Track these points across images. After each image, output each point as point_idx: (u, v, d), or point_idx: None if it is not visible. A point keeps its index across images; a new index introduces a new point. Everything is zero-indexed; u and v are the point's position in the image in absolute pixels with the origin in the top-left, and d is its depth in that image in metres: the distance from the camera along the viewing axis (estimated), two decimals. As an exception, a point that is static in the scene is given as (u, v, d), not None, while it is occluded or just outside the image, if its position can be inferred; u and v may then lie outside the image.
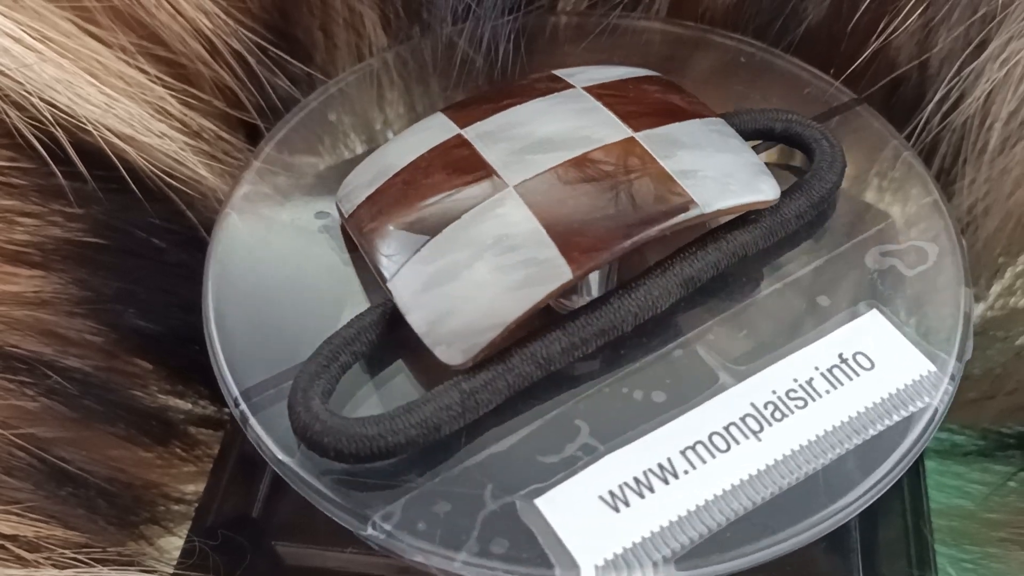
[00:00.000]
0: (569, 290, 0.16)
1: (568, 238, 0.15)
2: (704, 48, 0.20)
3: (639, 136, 0.17)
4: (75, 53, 0.18)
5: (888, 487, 0.15)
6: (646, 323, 0.16)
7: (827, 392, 0.16)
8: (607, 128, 0.17)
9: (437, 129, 0.17)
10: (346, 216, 0.17)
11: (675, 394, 0.16)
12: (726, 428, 0.15)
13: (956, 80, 0.19)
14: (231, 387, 0.16)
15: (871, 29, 0.19)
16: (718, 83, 0.20)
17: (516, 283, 0.15)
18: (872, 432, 0.15)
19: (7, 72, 0.17)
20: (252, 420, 0.15)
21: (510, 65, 0.20)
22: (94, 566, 0.16)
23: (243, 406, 0.15)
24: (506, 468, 0.15)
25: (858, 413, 0.15)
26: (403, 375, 0.16)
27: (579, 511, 0.14)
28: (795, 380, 0.16)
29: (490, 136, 0.17)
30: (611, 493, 0.15)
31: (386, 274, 0.16)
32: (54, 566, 0.16)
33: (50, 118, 0.17)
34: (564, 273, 0.15)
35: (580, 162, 0.16)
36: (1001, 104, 0.18)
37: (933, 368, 0.16)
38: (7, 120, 0.17)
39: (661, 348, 0.16)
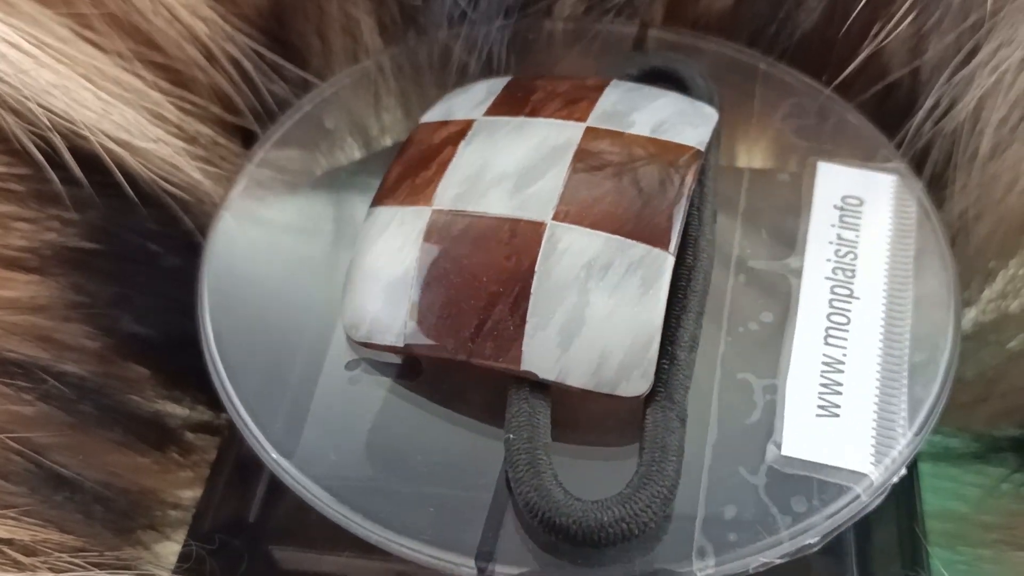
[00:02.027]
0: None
1: (641, 229, 0.15)
2: (696, 56, 0.21)
3: (591, 123, 0.17)
4: (72, 59, 0.18)
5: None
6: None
7: (856, 236, 0.18)
8: (559, 131, 0.17)
9: (401, 220, 0.16)
10: (401, 345, 0.16)
11: (775, 308, 0.17)
12: (831, 305, 0.17)
13: (947, 87, 0.19)
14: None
15: (863, 35, 0.19)
16: None
17: (638, 291, 0.15)
18: (910, 241, 0.18)
19: (4, 78, 0.17)
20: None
21: (504, 69, 0.20)
22: (91, 570, 0.16)
23: (491, 567, 0.14)
24: (736, 447, 0.15)
25: (890, 234, 0.18)
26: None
27: (819, 436, 0.15)
28: (830, 243, 0.18)
29: (467, 196, 0.16)
30: (820, 407, 0.16)
31: (511, 362, 0.15)
32: (51, 570, 0.16)
33: (47, 123, 0.17)
34: (667, 258, 0.15)
35: (581, 163, 0.16)
36: (991, 110, 0.19)
37: (894, 177, 0.19)
38: (4, 125, 0.17)
39: (729, 282, 0.17)
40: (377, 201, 0.17)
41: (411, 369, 0.16)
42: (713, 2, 0.21)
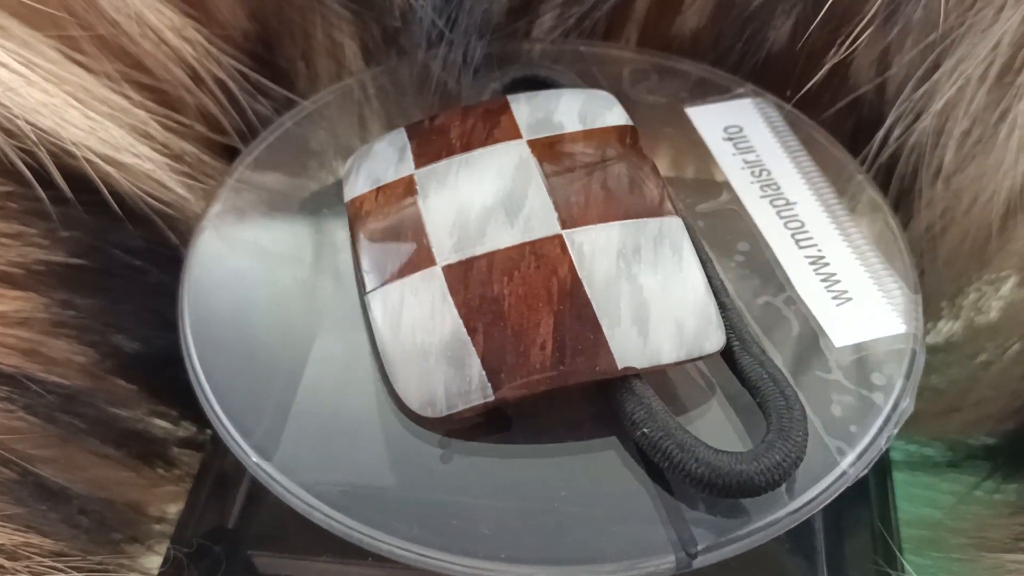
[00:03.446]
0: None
1: (642, 206, 0.16)
2: (670, 76, 0.21)
3: (528, 137, 0.17)
4: (61, 79, 0.18)
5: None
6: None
7: (756, 156, 0.20)
8: (506, 153, 0.17)
9: (414, 290, 0.16)
10: (493, 399, 0.15)
11: (745, 237, 0.18)
12: (780, 216, 0.19)
13: (909, 101, 0.19)
14: None
15: (828, 53, 0.19)
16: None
17: (674, 259, 0.16)
18: (793, 140, 0.20)
19: (-6, 97, 0.17)
20: None
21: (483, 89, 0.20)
22: (71, 573, 0.16)
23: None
24: (800, 358, 0.17)
25: (777, 142, 0.20)
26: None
27: (852, 320, 0.17)
28: (742, 169, 0.19)
29: (466, 242, 0.16)
30: (834, 299, 0.17)
31: (608, 367, 0.15)
32: (32, 574, 0.16)
33: (35, 140, 0.17)
34: (678, 222, 0.17)
35: (550, 171, 0.17)
36: (954, 122, 0.19)
37: (750, 98, 0.21)
38: (-6, 144, 0.17)
39: (698, 225, 0.18)
40: (368, 288, 0.16)
41: (500, 422, 0.16)
42: (685, 23, 0.21)
